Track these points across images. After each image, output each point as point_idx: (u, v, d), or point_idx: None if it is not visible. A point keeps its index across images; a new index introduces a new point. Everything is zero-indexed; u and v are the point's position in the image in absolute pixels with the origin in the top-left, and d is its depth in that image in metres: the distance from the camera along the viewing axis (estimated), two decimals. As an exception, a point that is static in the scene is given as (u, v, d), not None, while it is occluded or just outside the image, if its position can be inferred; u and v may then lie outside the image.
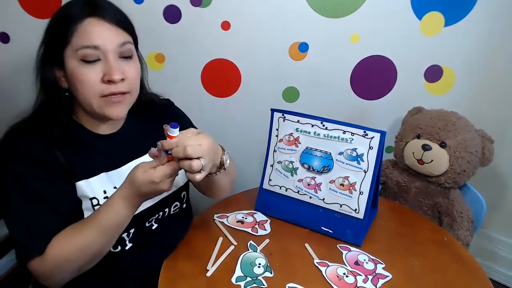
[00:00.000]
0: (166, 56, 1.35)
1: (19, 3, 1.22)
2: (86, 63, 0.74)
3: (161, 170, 0.69)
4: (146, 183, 0.70)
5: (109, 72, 0.75)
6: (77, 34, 0.73)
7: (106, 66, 0.75)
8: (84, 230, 0.73)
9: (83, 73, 0.74)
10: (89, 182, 0.79)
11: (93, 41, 0.73)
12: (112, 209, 0.72)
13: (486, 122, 1.28)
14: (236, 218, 1.00)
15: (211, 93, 1.42)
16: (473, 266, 0.87)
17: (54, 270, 0.72)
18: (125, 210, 0.73)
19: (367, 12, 1.29)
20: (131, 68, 0.80)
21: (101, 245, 0.74)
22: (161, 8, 1.27)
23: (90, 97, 0.76)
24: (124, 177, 0.84)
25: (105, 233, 0.73)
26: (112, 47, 0.75)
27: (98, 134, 0.84)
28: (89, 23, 0.74)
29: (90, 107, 0.78)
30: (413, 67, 1.40)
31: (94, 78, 0.75)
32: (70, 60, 0.75)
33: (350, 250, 0.90)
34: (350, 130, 0.91)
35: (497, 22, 1.33)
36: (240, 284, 0.78)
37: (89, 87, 0.75)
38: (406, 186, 1.30)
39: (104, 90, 0.76)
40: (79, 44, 0.73)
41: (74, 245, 0.72)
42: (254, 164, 1.41)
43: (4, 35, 1.26)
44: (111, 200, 0.73)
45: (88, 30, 0.74)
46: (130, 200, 0.72)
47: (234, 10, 1.29)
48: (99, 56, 0.75)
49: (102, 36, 0.74)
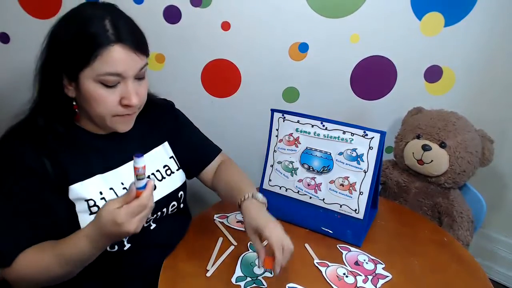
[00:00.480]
0: (166, 56, 1.35)
1: (19, 3, 1.22)
2: (105, 86, 0.74)
3: (126, 209, 0.66)
4: (110, 223, 0.66)
5: (128, 96, 0.75)
6: (100, 59, 0.71)
7: (124, 90, 0.75)
8: (46, 255, 0.73)
9: (102, 95, 0.74)
10: (84, 184, 0.79)
11: (117, 69, 0.73)
12: (75, 245, 0.71)
13: (486, 122, 1.28)
14: (236, 218, 1.00)
15: (211, 93, 1.42)
16: (473, 266, 0.87)
17: (18, 282, 0.74)
18: (88, 249, 0.71)
19: (367, 12, 1.29)
20: (144, 87, 0.80)
21: (61, 274, 0.74)
22: (161, 8, 1.27)
23: (104, 115, 0.77)
24: (121, 178, 0.84)
25: (66, 264, 0.72)
26: (132, 73, 0.75)
27: (96, 134, 0.84)
28: (114, 50, 0.72)
29: (102, 123, 0.79)
30: (413, 67, 1.40)
31: (113, 101, 0.75)
32: (88, 80, 0.73)
33: (350, 250, 0.90)
34: (350, 130, 0.91)
35: (497, 22, 1.33)
36: (240, 284, 0.78)
37: (106, 108, 0.76)
38: (406, 186, 1.30)
39: (120, 112, 0.77)
40: (101, 70, 0.72)
41: (35, 267, 0.73)
42: (254, 164, 1.41)
43: (4, 35, 1.26)
44: (76, 235, 0.71)
45: (113, 58, 0.72)
46: (93, 239, 0.69)
47: (234, 10, 1.29)
48: (119, 80, 0.75)
49: (126, 64, 0.73)
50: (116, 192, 0.83)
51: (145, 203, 0.67)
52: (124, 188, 0.84)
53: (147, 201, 0.67)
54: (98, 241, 0.70)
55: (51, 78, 0.76)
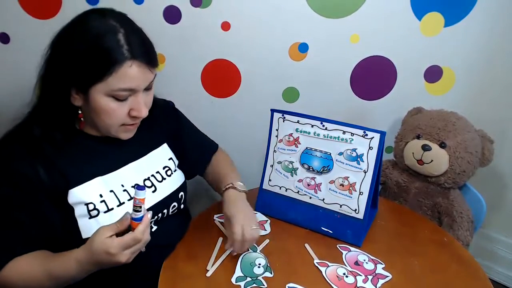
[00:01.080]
0: (166, 56, 1.35)
1: (19, 3, 1.22)
2: (117, 100, 0.75)
3: (119, 241, 0.66)
4: (102, 252, 0.66)
5: (138, 108, 0.76)
6: (115, 76, 0.71)
7: (134, 102, 0.76)
8: (36, 267, 0.73)
9: (113, 108, 0.75)
10: (84, 188, 0.79)
11: (130, 86, 0.74)
12: (64, 265, 0.71)
13: (486, 122, 1.28)
14: (236, 218, 1.00)
15: (211, 93, 1.42)
16: (473, 266, 0.87)
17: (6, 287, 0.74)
18: (75, 272, 0.71)
19: (367, 12, 1.29)
20: (151, 96, 0.82)
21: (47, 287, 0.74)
22: (161, 8, 1.27)
23: (112, 125, 0.78)
24: (121, 180, 0.84)
25: (51, 280, 0.73)
26: (144, 87, 0.77)
27: (95, 136, 0.84)
28: (129, 67, 0.72)
29: (107, 131, 0.80)
30: (413, 67, 1.40)
31: (122, 113, 0.76)
32: (99, 94, 0.73)
33: (350, 250, 0.90)
34: (350, 130, 0.91)
35: (497, 22, 1.33)
36: (240, 284, 0.78)
37: (115, 119, 0.77)
38: (406, 186, 1.30)
39: (127, 122, 0.79)
40: (115, 86, 0.72)
41: (23, 277, 0.73)
42: (254, 164, 1.41)
43: (4, 35, 1.26)
44: (67, 256, 0.72)
45: (127, 75, 0.72)
46: (83, 265, 0.70)
47: (234, 10, 1.29)
48: (131, 94, 0.76)
49: (140, 79, 0.75)
50: (117, 195, 0.83)
51: (139, 237, 0.67)
52: (124, 191, 0.84)
53: (141, 235, 0.67)
54: (88, 266, 0.70)
55: (57, 87, 0.75)
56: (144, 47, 0.75)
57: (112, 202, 0.81)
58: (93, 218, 0.78)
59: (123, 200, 0.83)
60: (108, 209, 0.80)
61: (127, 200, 0.83)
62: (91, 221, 0.78)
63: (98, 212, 0.79)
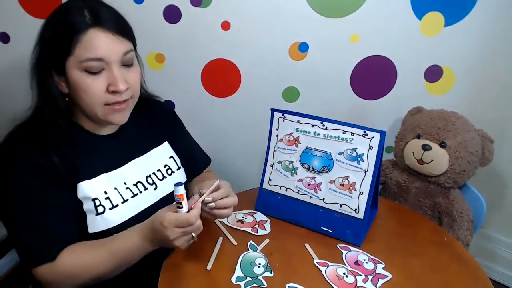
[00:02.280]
0: (166, 56, 1.35)
1: (19, 3, 1.22)
2: (90, 73, 0.74)
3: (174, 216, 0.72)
4: (158, 222, 0.72)
5: (114, 82, 0.75)
6: (80, 46, 0.72)
7: (110, 76, 0.75)
8: (96, 250, 0.75)
9: (88, 84, 0.74)
10: (90, 183, 0.80)
11: (98, 54, 0.73)
12: (126, 238, 0.76)
13: (486, 122, 1.28)
14: (236, 218, 1.00)
15: (211, 93, 1.42)
16: (473, 266, 0.87)
17: (60, 281, 0.75)
18: (137, 245, 0.76)
19: (367, 12, 1.29)
20: (133, 74, 0.80)
21: (109, 270, 0.76)
22: (161, 8, 1.27)
23: (95, 105, 0.76)
24: (124, 177, 0.84)
25: (113, 259, 0.75)
26: (116, 57, 0.75)
27: (98, 135, 0.85)
28: (93, 34, 0.72)
29: (94, 114, 0.78)
30: (413, 67, 1.40)
31: (99, 88, 0.75)
32: (73, 70, 0.74)
33: (350, 250, 0.90)
34: (350, 130, 0.91)
35: (497, 22, 1.33)
36: (240, 284, 0.78)
37: (94, 96, 0.75)
38: (406, 186, 1.30)
39: (109, 100, 0.76)
40: (83, 56, 0.72)
41: (84, 262, 0.74)
42: (254, 164, 1.41)
43: (4, 35, 1.26)
44: (128, 230, 0.77)
45: (92, 42, 0.72)
46: (144, 234, 0.75)
47: (234, 10, 1.29)
48: (103, 66, 0.74)
49: (107, 47, 0.73)
50: (120, 192, 0.83)
51: (192, 220, 0.73)
52: (127, 188, 0.84)
53: (194, 219, 0.73)
54: (147, 235, 0.75)
55: (44, 78, 0.77)
56: (110, 17, 0.75)
57: (116, 199, 0.82)
58: (99, 215, 0.79)
59: (127, 197, 0.84)
60: (113, 205, 0.81)
61: (130, 197, 0.84)
62: (98, 217, 0.79)
63: (104, 209, 0.80)
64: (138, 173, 0.88)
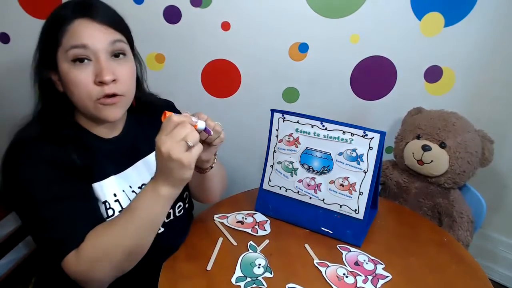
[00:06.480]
0: (166, 56, 1.35)
1: (19, 3, 1.22)
2: (77, 64, 0.73)
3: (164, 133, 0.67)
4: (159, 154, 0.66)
5: (99, 73, 0.73)
6: (66, 35, 0.73)
7: (97, 67, 0.74)
8: (115, 222, 0.72)
9: (75, 75, 0.73)
10: (101, 185, 0.80)
11: (82, 40, 0.72)
12: (140, 193, 0.72)
13: (486, 122, 1.28)
14: (236, 218, 1.00)
15: (211, 93, 1.42)
16: (473, 267, 0.87)
17: (90, 267, 0.70)
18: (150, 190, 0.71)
19: (367, 12, 1.29)
20: (124, 68, 0.78)
21: (135, 238, 0.72)
22: (161, 8, 1.27)
23: (84, 99, 0.75)
24: (130, 180, 0.85)
25: (136, 218, 0.71)
26: (102, 46, 0.74)
27: (102, 138, 0.85)
28: (79, 23, 0.73)
29: (86, 110, 0.77)
30: (413, 68, 1.40)
31: (86, 80, 0.74)
32: (62, 62, 0.74)
33: (350, 251, 0.90)
34: (350, 130, 0.91)
35: (497, 22, 1.34)
36: (240, 284, 0.78)
37: (82, 88, 0.74)
38: (406, 187, 1.30)
39: (97, 93, 0.75)
40: (68, 44, 0.73)
41: (108, 239, 0.71)
42: (254, 164, 1.41)
43: (4, 35, 1.26)
44: (142, 189, 0.73)
45: (77, 30, 0.73)
46: (156, 181, 0.70)
47: (234, 10, 1.29)
48: (89, 56, 0.73)
49: (91, 35, 0.73)
50: (127, 194, 0.83)
51: (175, 119, 0.67)
52: (133, 192, 0.85)
53: (177, 118, 0.67)
54: (155, 178, 0.70)
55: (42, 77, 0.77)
56: (98, 8, 0.76)
57: (125, 202, 0.82)
58: (109, 218, 0.79)
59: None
60: (122, 209, 0.81)
61: None
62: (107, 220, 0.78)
63: (114, 212, 0.80)
64: (143, 175, 0.88)
